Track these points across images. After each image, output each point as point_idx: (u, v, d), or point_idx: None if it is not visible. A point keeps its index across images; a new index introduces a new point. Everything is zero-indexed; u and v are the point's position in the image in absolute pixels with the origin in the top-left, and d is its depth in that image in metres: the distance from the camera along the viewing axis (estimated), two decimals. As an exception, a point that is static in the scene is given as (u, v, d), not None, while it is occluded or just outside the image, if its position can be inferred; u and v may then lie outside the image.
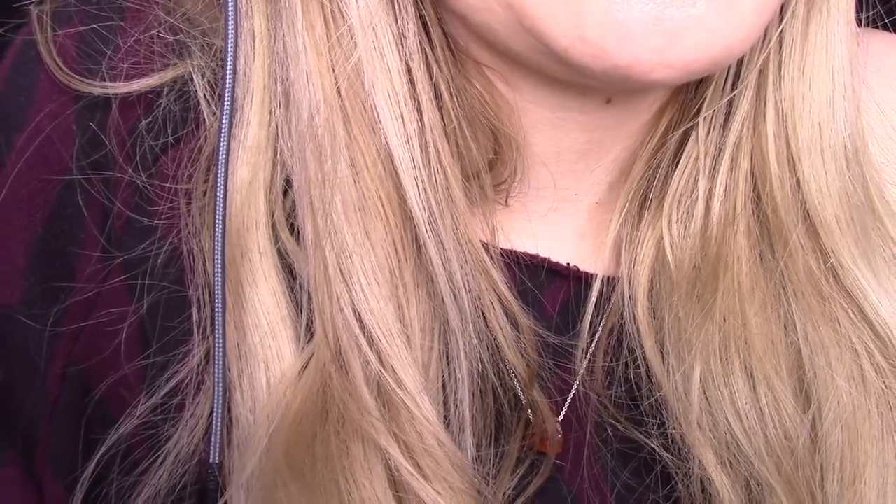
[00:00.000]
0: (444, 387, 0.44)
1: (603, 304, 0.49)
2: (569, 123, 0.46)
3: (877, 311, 0.46)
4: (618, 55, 0.38)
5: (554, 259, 0.49)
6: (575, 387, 0.49)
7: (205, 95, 0.44)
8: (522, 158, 0.47)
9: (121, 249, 0.45)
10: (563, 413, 0.49)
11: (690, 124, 0.48)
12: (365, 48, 0.41)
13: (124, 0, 0.46)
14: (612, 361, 0.49)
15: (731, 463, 0.47)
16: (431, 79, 0.43)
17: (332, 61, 0.42)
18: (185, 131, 0.45)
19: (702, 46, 0.38)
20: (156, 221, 0.45)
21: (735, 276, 0.47)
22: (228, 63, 0.41)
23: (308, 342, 0.43)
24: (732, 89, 0.47)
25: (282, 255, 0.44)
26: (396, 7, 0.42)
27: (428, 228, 0.43)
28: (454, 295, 0.43)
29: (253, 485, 0.42)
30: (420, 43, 0.43)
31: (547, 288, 0.49)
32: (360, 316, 0.42)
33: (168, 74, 0.45)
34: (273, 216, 0.44)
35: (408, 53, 0.42)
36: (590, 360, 0.49)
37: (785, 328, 0.47)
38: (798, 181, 0.47)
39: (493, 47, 0.43)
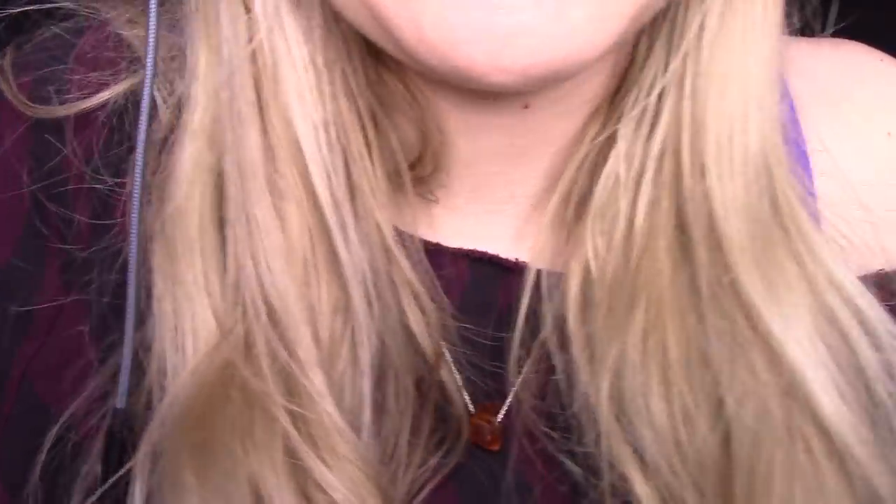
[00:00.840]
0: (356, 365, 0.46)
1: (538, 310, 0.49)
2: (489, 127, 0.48)
3: (770, 330, 0.45)
4: (454, 58, 0.38)
5: (503, 256, 0.50)
6: (512, 393, 0.49)
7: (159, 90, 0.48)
8: (446, 156, 0.48)
9: (84, 258, 0.48)
10: (500, 415, 0.49)
11: (608, 133, 0.48)
12: (267, 37, 0.44)
13: (84, 16, 0.50)
14: (544, 370, 0.49)
15: (652, 477, 0.46)
16: (342, 71, 0.45)
17: (252, 51, 0.45)
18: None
19: (534, 52, 0.38)
20: (116, 220, 0.48)
21: (656, 290, 0.46)
22: (149, 54, 0.44)
23: None
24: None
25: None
26: (303, 2, 0.45)
27: (333, 214, 0.45)
28: (358, 278, 0.45)
29: (160, 447, 0.44)
30: (327, 36, 0.45)
31: (488, 285, 0.50)
32: (264, 290, 0.44)
33: (123, 85, 0.49)
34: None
35: (313, 47, 0.45)
36: (524, 367, 0.49)
37: (701, 345, 0.46)
38: (706, 192, 0.46)
39: None
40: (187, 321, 0.46)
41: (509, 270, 0.50)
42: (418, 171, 0.48)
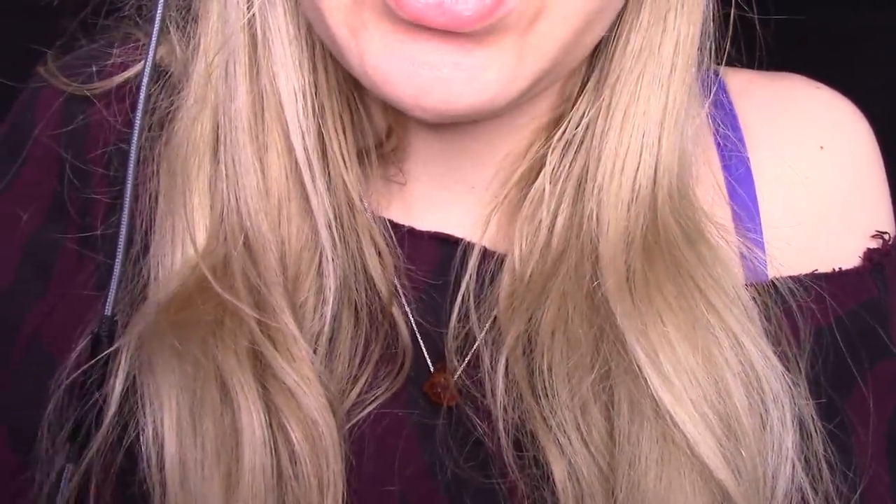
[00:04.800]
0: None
1: (481, 292, 0.54)
2: (443, 130, 0.54)
3: (636, 358, 0.49)
4: (386, 92, 0.45)
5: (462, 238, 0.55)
6: (465, 360, 0.53)
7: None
8: (408, 145, 0.55)
9: (100, 235, 0.54)
10: (456, 375, 0.53)
11: (541, 154, 0.54)
12: (260, 12, 0.51)
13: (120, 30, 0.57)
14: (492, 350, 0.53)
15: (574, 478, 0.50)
16: (323, 51, 0.52)
17: (248, 20, 0.51)
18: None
19: (450, 101, 0.45)
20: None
21: (556, 300, 0.51)
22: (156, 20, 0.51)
23: None
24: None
25: None
26: None
27: (306, 165, 0.51)
28: (323, 221, 0.51)
29: (143, 337, 0.49)
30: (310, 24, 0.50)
31: (448, 264, 0.54)
32: (242, 222, 0.51)
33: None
34: None
35: (297, 28, 0.51)
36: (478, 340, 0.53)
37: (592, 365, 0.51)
38: (597, 220, 0.52)
39: None
40: (179, 242, 0.52)
41: (464, 251, 0.55)
42: (384, 151, 0.55)
